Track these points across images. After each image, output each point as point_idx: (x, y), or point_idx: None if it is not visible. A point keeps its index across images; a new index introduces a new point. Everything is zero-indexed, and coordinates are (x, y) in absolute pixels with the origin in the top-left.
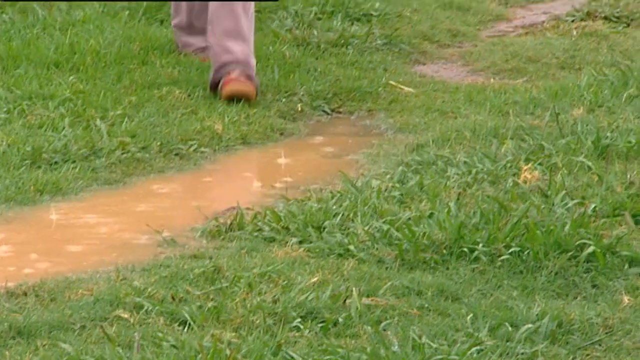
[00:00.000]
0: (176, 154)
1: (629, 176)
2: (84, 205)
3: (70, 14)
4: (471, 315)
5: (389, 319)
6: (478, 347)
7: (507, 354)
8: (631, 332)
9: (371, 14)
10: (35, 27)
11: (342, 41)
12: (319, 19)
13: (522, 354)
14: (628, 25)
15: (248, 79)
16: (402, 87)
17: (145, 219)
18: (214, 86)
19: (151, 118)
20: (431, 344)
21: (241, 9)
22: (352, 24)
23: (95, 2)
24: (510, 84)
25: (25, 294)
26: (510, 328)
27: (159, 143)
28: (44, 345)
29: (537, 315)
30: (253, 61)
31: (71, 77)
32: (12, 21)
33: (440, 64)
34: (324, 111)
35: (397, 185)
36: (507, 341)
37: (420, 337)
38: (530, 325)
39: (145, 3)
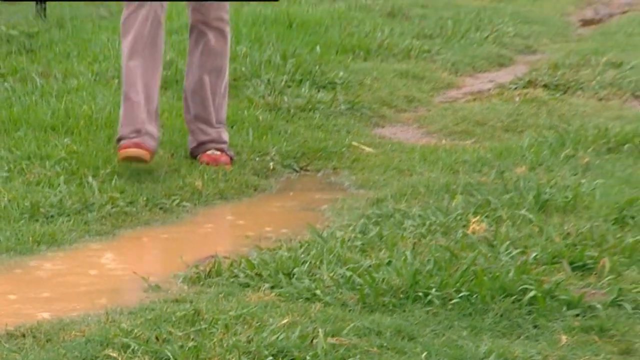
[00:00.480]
0: (160, 208)
1: (566, 228)
2: (77, 255)
3: (65, 82)
4: (425, 353)
5: (352, 356)
6: None
7: None
8: None
9: (335, 82)
10: (34, 94)
11: (310, 106)
12: (289, 86)
13: None
14: (565, 92)
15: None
16: (363, 147)
17: (133, 267)
18: (193, 156)
19: (138, 176)
20: None
21: (210, 95)
22: (319, 91)
23: (88, 72)
24: (460, 144)
25: (23, 335)
26: None
27: (145, 198)
28: None
29: (484, 353)
30: (225, 136)
31: (66, 139)
32: (12, 89)
33: (398, 127)
34: (293, 169)
35: (359, 235)
36: None
37: None
38: None
39: None
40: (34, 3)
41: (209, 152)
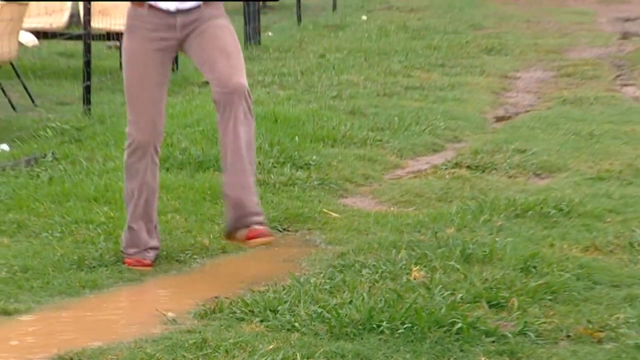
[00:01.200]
0: (177, 260)
1: (484, 275)
2: (113, 296)
3: (105, 164)
4: None
5: None
6: None
7: None
8: None
9: (310, 163)
10: (81, 173)
11: (291, 182)
12: (275, 167)
13: None
14: (483, 171)
15: (265, 229)
16: (331, 213)
17: (156, 305)
18: (233, 231)
19: (160, 234)
20: None
21: (248, 165)
22: (297, 170)
23: (122, 157)
24: (404, 211)
25: (71, 359)
26: None
27: (164, 252)
28: None
29: None
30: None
31: (105, 208)
32: (65, 170)
33: (357, 198)
34: (278, 230)
35: (328, 281)
36: None
37: None
38: None
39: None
40: (81, 103)
41: (257, 229)
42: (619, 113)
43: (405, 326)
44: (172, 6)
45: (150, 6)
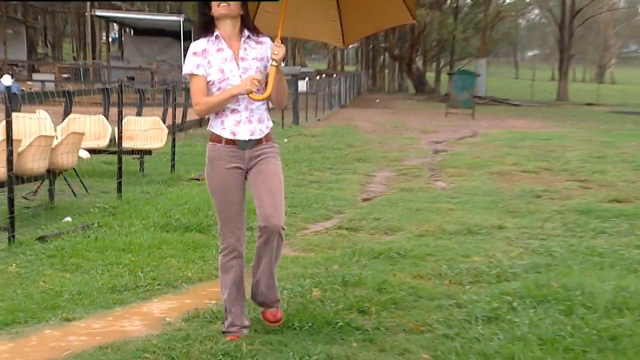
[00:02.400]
0: (172, 286)
1: (355, 293)
2: (133, 309)
3: (129, 228)
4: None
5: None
6: None
7: None
8: None
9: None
10: (114, 234)
11: None
12: None
13: None
14: (355, 231)
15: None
16: None
17: (158, 314)
18: (261, 304)
19: (165, 271)
20: None
21: (274, 275)
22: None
23: (140, 224)
24: (308, 255)
25: (106, 347)
26: None
27: (165, 281)
28: None
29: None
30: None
31: (129, 255)
32: (105, 232)
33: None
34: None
35: None
36: None
37: None
38: None
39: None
40: (115, 192)
41: (279, 314)
42: (432, 197)
43: (308, 324)
44: (245, 135)
45: (227, 142)
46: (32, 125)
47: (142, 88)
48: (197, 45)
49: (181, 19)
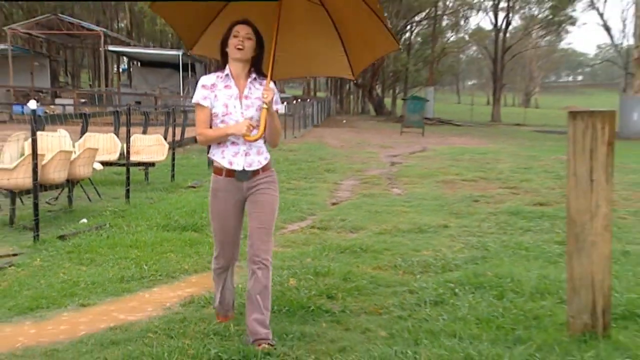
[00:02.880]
0: (171, 277)
1: (325, 282)
2: (138, 296)
3: (135, 228)
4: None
5: None
6: None
7: None
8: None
9: None
10: (123, 233)
11: None
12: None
13: None
14: (325, 230)
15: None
16: None
17: (160, 299)
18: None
19: (161, 265)
20: None
21: (264, 308)
22: None
23: (145, 224)
24: (286, 250)
25: (115, 328)
26: None
27: (165, 273)
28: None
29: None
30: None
31: (135, 251)
32: (114, 232)
33: None
34: None
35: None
36: None
37: None
38: None
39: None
40: (124, 198)
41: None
42: (389, 201)
43: (286, 308)
44: (240, 166)
45: (227, 173)
46: (54, 142)
47: (147, 111)
48: (207, 79)
49: (180, 53)
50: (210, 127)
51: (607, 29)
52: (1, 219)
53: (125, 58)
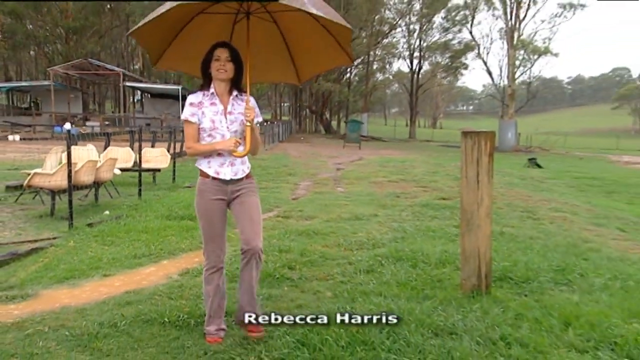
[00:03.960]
0: (172, 254)
1: (286, 257)
2: (148, 269)
3: (144, 217)
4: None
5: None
6: None
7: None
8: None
9: None
10: (136, 221)
11: None
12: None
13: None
14: (287, 218)
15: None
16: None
17: (165, 272)
18: (241, 322)
19: (164, 245)
20: None
21: (255, 293)
22: None
23: (152, 215)
24: None
25: (126, 292)
26: None
27: (168, 251)
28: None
29: None
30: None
31: (145, 235)
32: (130, 220)
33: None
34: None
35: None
36: None
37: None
38: None
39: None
40: (137, 195)
41: (252, 328)
42: (335, 197)
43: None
44: (227, 176)
45: (213, 178)
46: (84, 153)
47: (154, 130)
48: (194, 97)
49: (179, 87)
50: (198, 140)
51: (489, 72)
52: (44, 211)
53: (138, 91)
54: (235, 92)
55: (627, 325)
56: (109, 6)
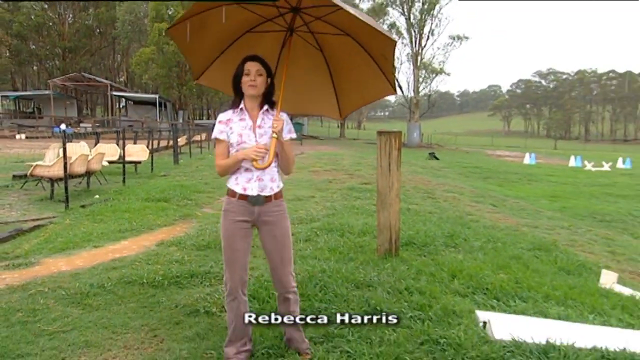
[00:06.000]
0: (162, 229)
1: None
2: (138, 240)
3: (128, 200)
4: None
5: None
6: None
7: None
8: None
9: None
10: (121, 203)
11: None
12: (186, 200)
13: None
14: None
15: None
16: (197, 213)
17: (149, 243)
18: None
19: (163, 227)
20: None
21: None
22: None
23: (141, 194)
24: None
25: (122, 259)
26: None
27: (162, 228)
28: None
29: None
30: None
31: (128, 214)
32: (116, 202)
33: (208, 208)
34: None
35: (199, 235)
36: None
37: None
38: None
39: None
40: (122, 183)
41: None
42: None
43: (218, 246)
44: (254, 191)
45: (240, 197)
46: (77, 149)
47: (136, 131)
48: (223, 116)
49: (157, 96)
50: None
51: (400, 87)
52: (45, 195)
53: (123, 99)
54: (265, 107)
55: (496, 275)
56: (98, 30)
